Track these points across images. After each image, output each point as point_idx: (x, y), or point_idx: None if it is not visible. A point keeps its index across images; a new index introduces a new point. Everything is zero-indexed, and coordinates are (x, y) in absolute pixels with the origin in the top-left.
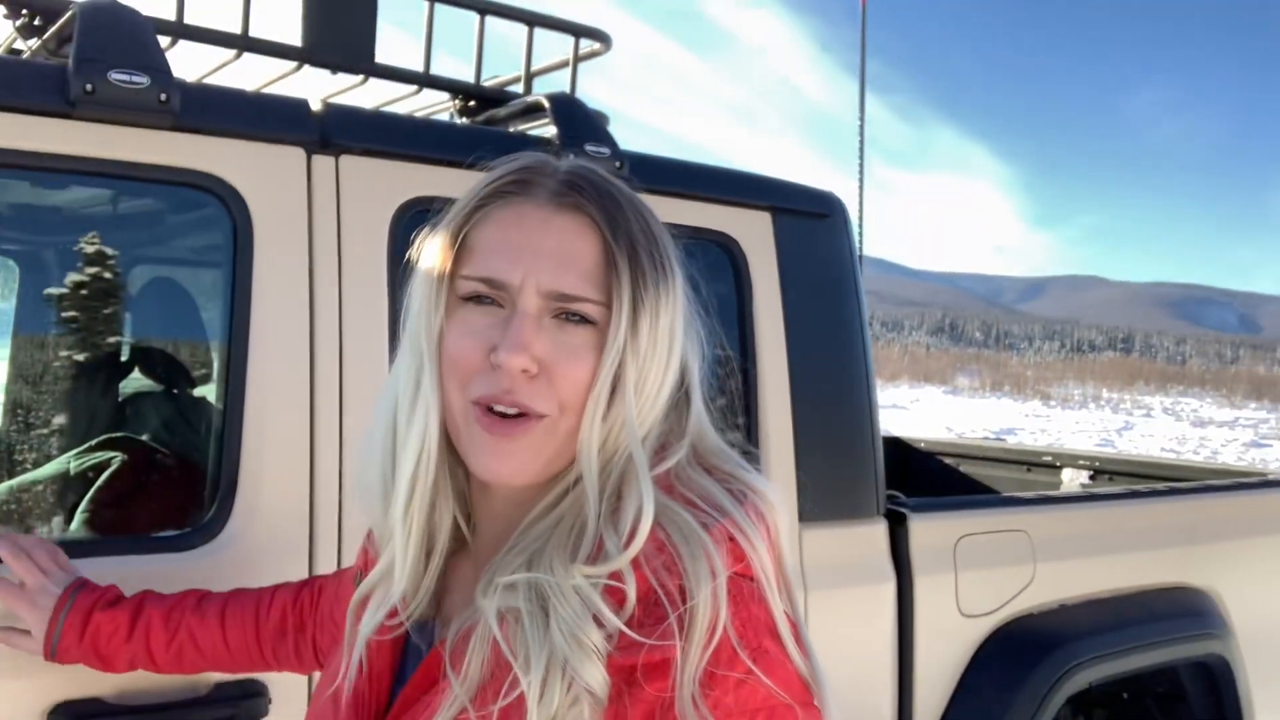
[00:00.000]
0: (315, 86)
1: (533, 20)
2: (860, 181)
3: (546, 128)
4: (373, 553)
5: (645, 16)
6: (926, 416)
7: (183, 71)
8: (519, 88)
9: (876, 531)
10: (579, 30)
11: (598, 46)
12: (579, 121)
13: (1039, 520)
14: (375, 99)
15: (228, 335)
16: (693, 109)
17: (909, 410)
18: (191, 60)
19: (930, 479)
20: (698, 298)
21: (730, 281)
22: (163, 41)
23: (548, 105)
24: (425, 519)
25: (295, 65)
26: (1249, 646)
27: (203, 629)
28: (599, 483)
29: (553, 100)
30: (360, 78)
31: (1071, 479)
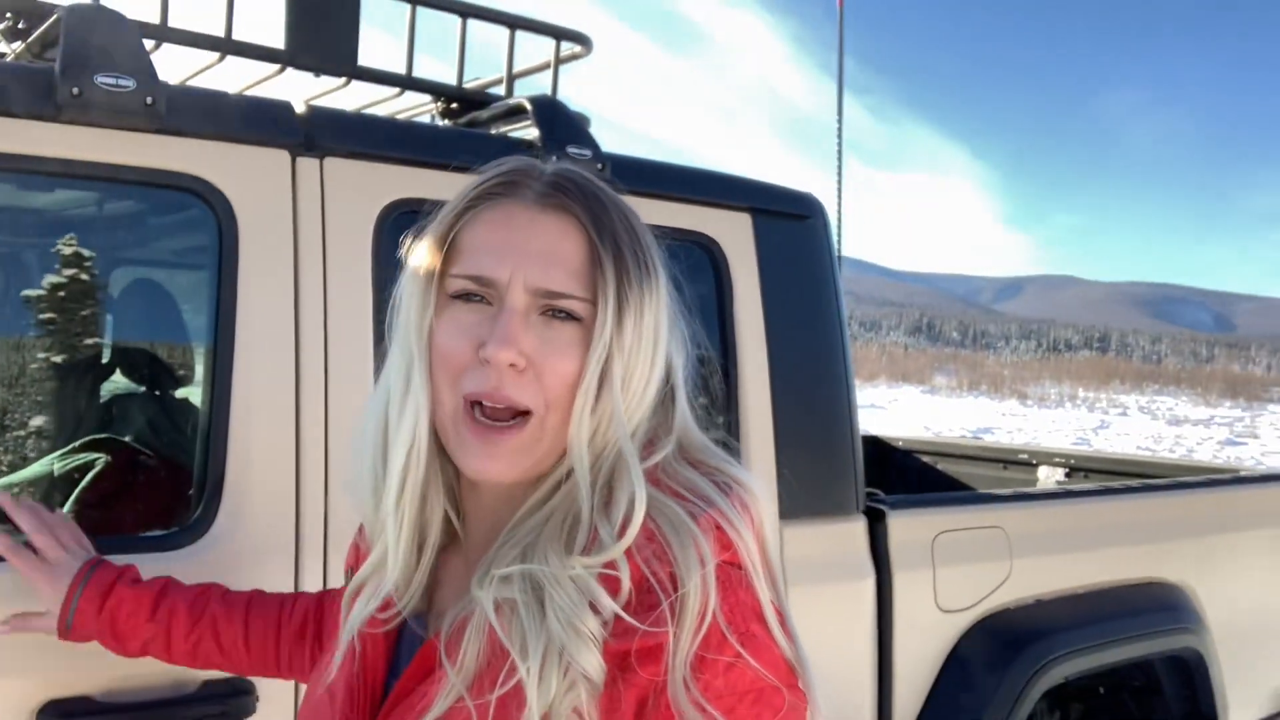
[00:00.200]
0: (298, 89)
1: (514, 23)
2: (839, 182)
3: (528, 130)
4: (364, 548)
5: (624, 17)
6: (905, 416)
7: (166, 74)
8: (500, 90)
9: (856, 528)
10: (560, 33)
11: (578, 49)
12: (561, 124)
13: (1015, 517)
14: (357, 101)
15: (214, 336)
16: (671, 110)
17: (887, 410)
18: (175, 63)
19: (908, 477)
20: (680, 298)
21: (711, 282)
22: (147, 45)
23: (530, 108)
24: (416, 513)
25: (278, 68)
26: (1223, 640)
27: (227, 621)
28: (590, 476)
29: (535, 103)
30: (343, 80)
31: (1047, 476)
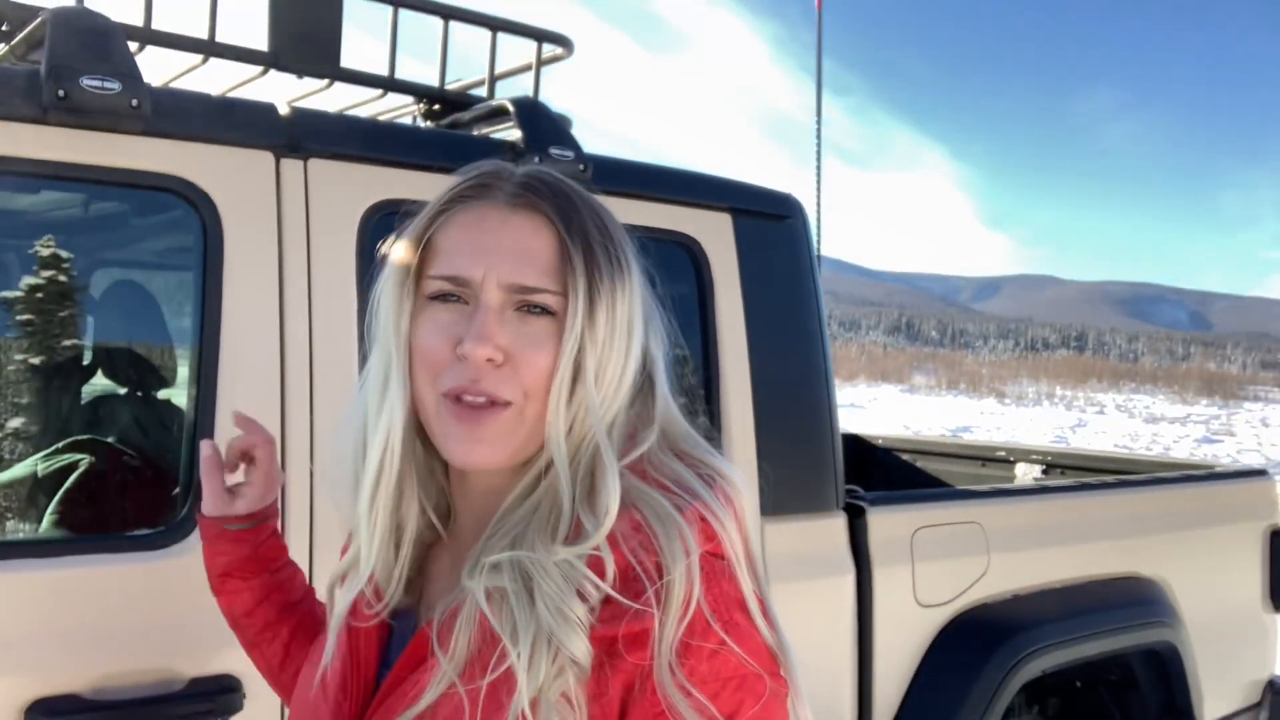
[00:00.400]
0: (281, 90)
1: (495, 25)
2: (818, 182)
3: (511, 131)
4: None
5: (605, 17)
6: (884, 415)
7: (150, 76)
8: (482, 91)
9: (836, 525)
10: (541, 35)
11: (560, 51)
12: (543, 125)
13: (993, 513)
14: (340, 102)
15: (199, 337)
16: (652, 110)
17: (867, 409)
18: (157, 64)
19: (888, 474)
20: (656, 294)
21: (692, 281)
22: (131, 47)
23: (512, 109)
24: (391, 509)
25: (261, 70)
26: (1198, 634)
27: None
28: (570, 468)
29: (517, 104)
30: (326, 81)
31: (1024, 473)
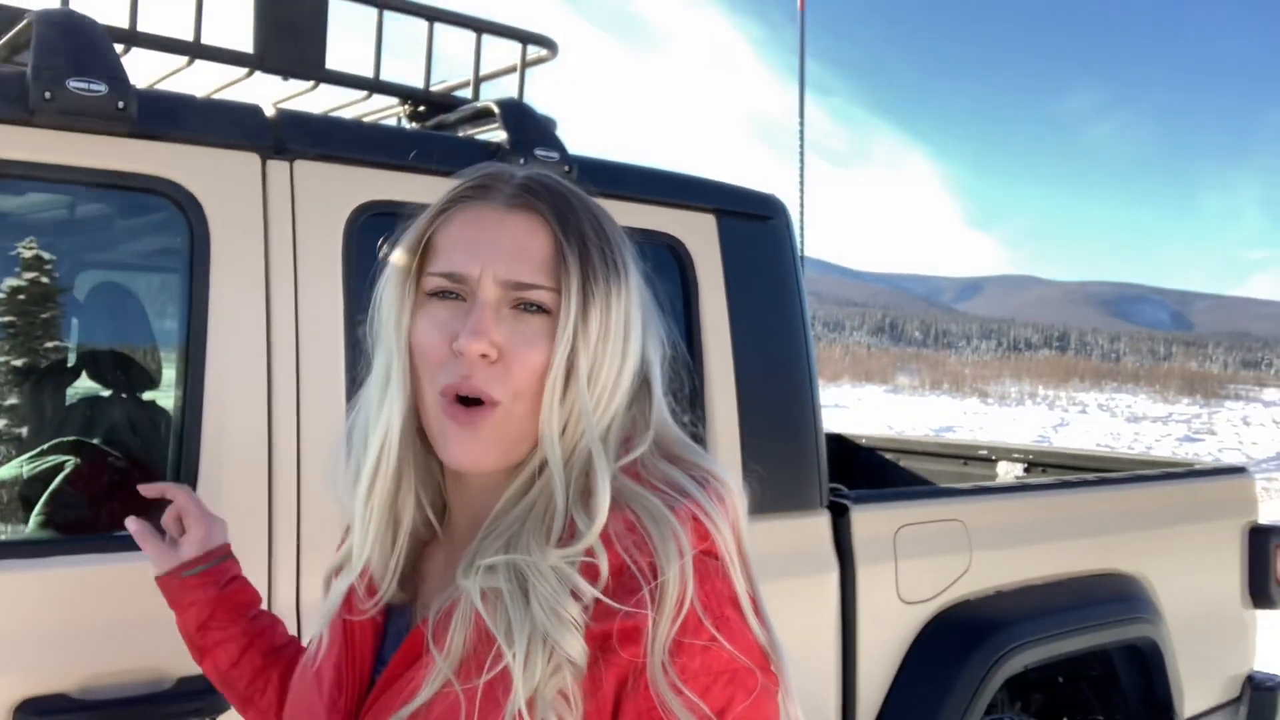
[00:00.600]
0: (266, 92)
1: (480, 27)
2: (800, 183)
3: (496, 133)
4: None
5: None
6: (869, 415)
7: (135, 78)
8: (467, 93)
9: (820, 523)
10: (526, 37)
11: (544, 53)
12: (528, 126)
13: (975, 510)
14: (325, 104)
15: (185, 338)
16: (636, 111)
17: (851, 409)
18: (143, 66)
19: (871, 473)
20: (655, 298)
21: (676, 282)
22: (117, 49)
23: (497, 111)
24: (387, 505)
25: (247, 71)
26: (1178, 630)
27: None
28: (564, 470)
29: (502, 106)
30: (311, 83)
31: (1006, 471)
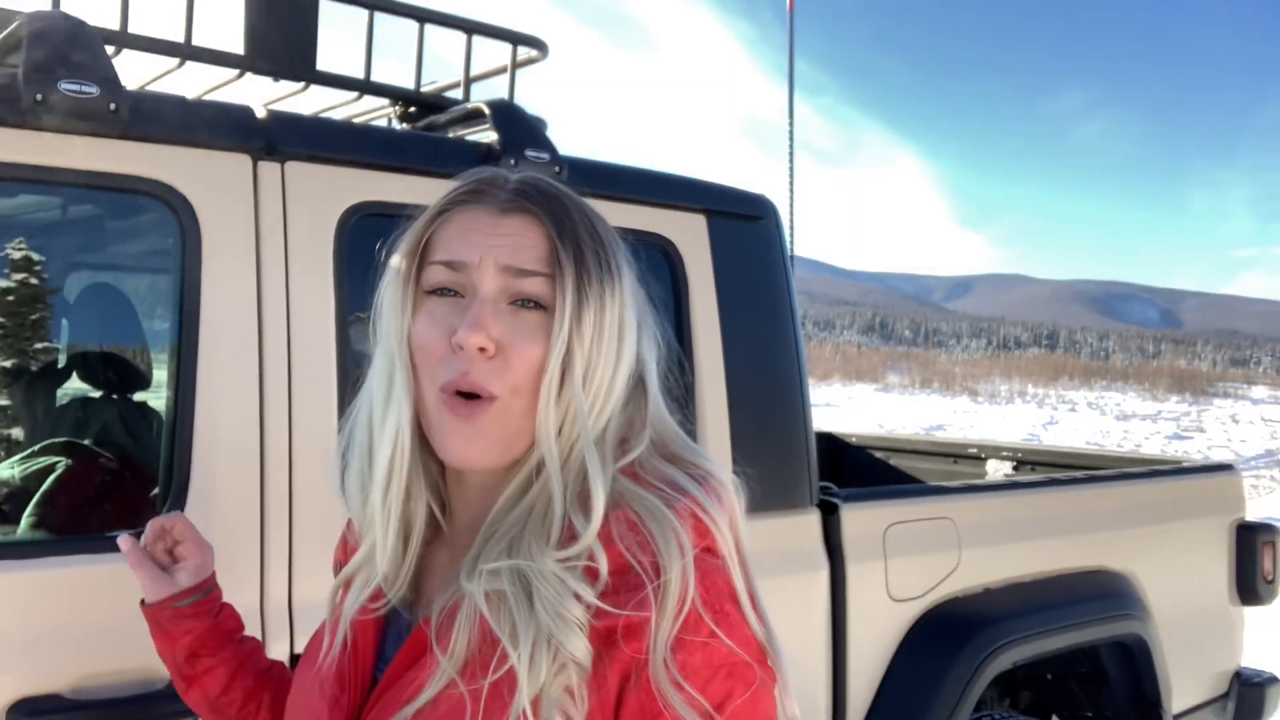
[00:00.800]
0: (256, 93)
1: (470, 28)
2: (790, 182)
3: (487, 133)
4: (352, 541)
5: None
6: (859, 413)
7: (125, 79)
8: (458, 93)
9: (810, 521)
10: (516, 38)
11: (535, 54)
12: (518, 127)
13: (964, 508)
14: (316, 105)
15: (177, 339)
16: (627, 110)
17: (842, 408)
18: (134, 68)
19: (862, 471)
20: (650, 299)
21: (667, 282)
22: (108, 50)
23: (487, 112)
24: (401, 508)
25: (237, 73)
26: (1166, 626)
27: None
28: (562, 471)
29: (492, 107)
30: (302, 84)
31: (995, 469)
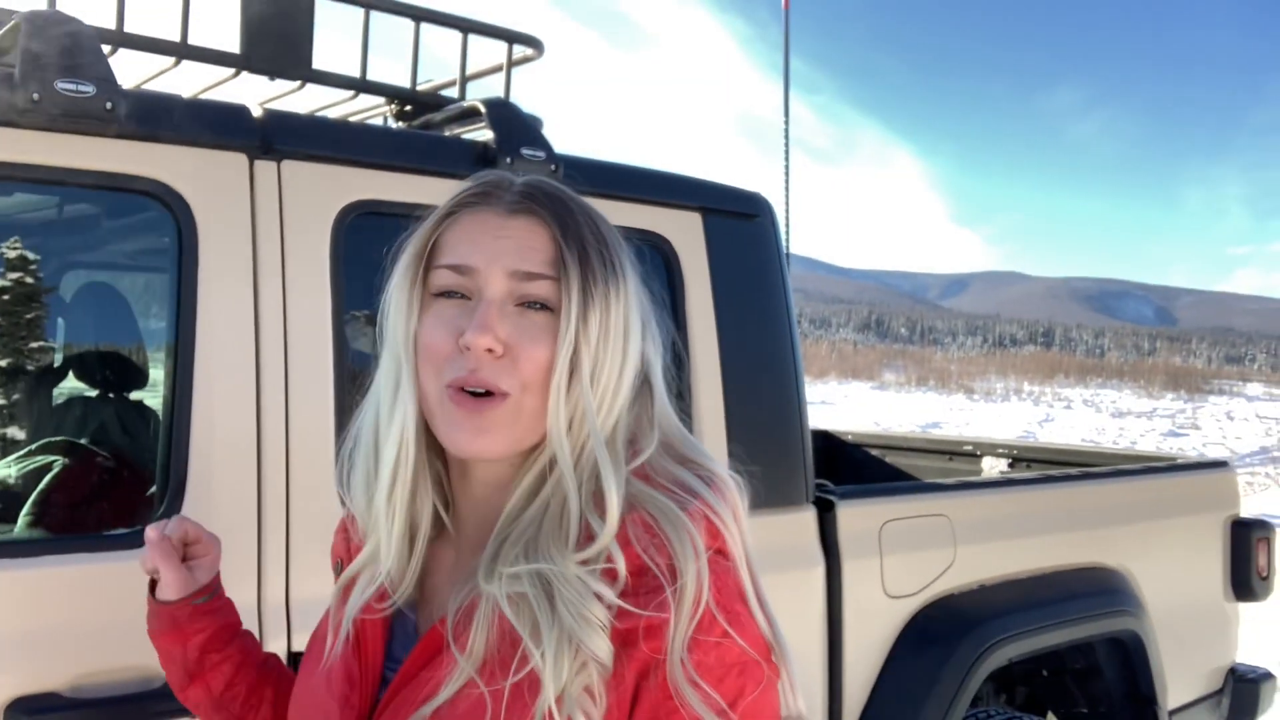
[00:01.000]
0: (252, 92)
1: (466, 27)
2: (786, 180)
3: (482, 132)
4: (354, 540)
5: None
6: (855, 411)
7: (121, 79)
8: (454, 92)
9: (806, 518)
10: (512, 36)
11: (530, 52)
12: (514, 126)
13: (959, 505)
14: (312, 104)
15: (174, 338)
16: (623, 108)
17: (838, 406)
18: (130, 67)
19: (857, 469)
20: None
21: (663, 280)
22: (104, 50)
23: (483, 110)
24: (407, 506)
25: (233, 72)
26: (1161, 623)
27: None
28: (575, 471)
29: (488, 105)
30: (297, 83)
31: (991, 467)
